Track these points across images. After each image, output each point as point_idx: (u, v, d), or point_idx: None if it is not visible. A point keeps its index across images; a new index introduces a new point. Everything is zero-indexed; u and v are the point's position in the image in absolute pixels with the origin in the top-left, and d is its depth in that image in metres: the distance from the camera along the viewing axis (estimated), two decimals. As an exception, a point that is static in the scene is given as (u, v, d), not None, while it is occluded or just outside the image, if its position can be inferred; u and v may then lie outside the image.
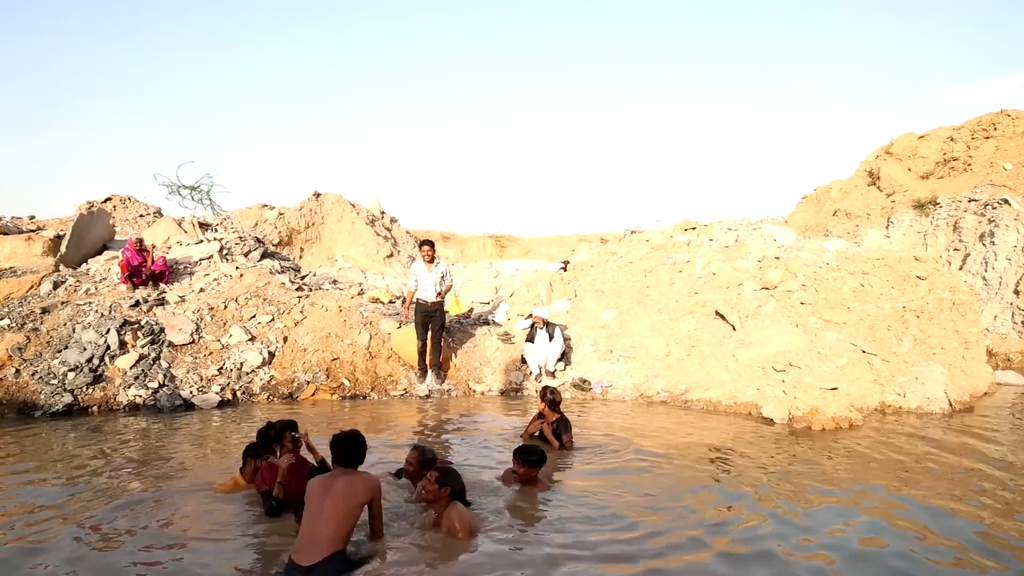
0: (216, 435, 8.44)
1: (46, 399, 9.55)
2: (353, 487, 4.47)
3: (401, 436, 8.33)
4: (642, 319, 12.05)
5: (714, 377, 10.55)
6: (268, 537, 5.00)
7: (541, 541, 4.89)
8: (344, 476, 4.53)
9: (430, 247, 11.25)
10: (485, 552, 4.60)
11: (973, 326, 11.77)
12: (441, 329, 11.36)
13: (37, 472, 6.68)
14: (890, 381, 10.08)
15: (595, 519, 5.34)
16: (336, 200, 26.47)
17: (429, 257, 11.12)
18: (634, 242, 14.39)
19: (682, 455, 7.35)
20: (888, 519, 5.48)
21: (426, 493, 4.87)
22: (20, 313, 10.89)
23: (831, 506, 5.84)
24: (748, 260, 12.30)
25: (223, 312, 11.75)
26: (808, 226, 24.66)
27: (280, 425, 5.65)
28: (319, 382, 10.90)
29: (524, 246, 39.67)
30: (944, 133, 23.91)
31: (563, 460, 7.13)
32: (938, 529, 5.26)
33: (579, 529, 5.13)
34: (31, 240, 13.88)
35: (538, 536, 5.01)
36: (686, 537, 4.99)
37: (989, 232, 18.42)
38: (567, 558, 4.58)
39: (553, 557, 4.60)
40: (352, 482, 4.50)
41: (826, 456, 7.48)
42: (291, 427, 5.66)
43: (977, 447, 7.97)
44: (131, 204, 18.65)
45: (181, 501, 5.78)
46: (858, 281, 11.30)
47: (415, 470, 5.75)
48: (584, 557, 4.60)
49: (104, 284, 12.56)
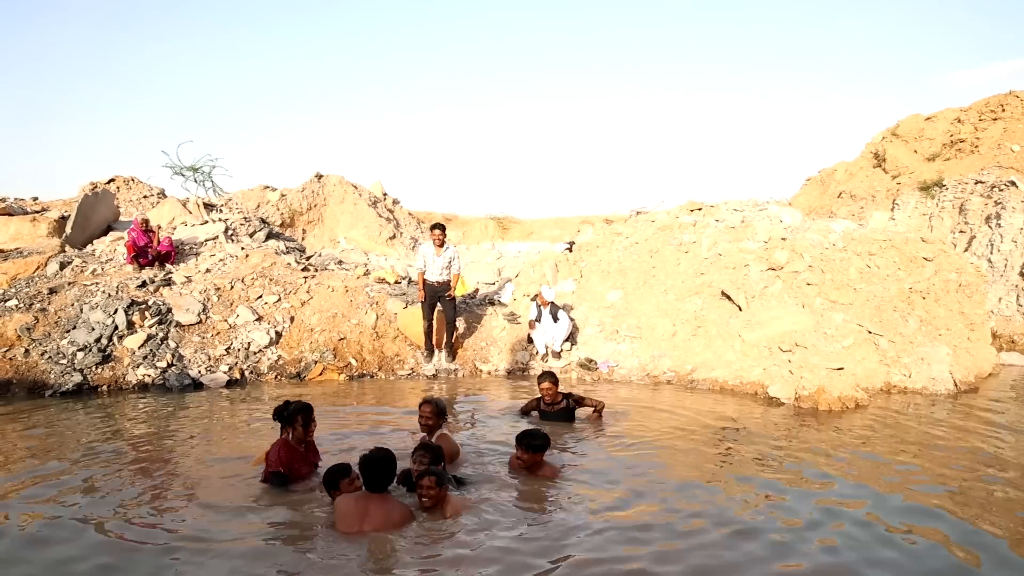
0: (225, 413, 8.49)
1: (56, 378, 9.59)
2: (391, 517, 4.51)
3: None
4: (648, 299, 12.07)
5: (720, 357, 10.57)
6: (275, 504, 5.13)
7: (545, 529, 4.80)
8: (379, 503, 4.53)
9: (441, 231, 11.23)
10: (494, 547, 4.45)
11: (979, 307, 11.78)
12: (454, 311, 11.43)
13: (51, 450, 6.73)
14: (896, 362, 10.10)
15: (600, 502, 5.30)
16: (338, 182, 26.37)
17: (439, 241, 11.09)
18: (640, 223, 14.37)
19: (688, 436, 7.36)
20: (892, 495, 5.52)
21: (428, 500, 4.77)
22: (28, 294, 10.91)
23: (832, 482, 5.87)
24: (754, 241, 12.29)
25: (229, 292, 11.77)
26: (813, 208, 24.58)
27: (295, 407, 5.58)
28: (326, 362, 10.93)
29: (526, 228, 39.58)
30: (951, 115, 23.74)
31: (571, 443, 7.06)
32: (940, 508, 5.29)
33: (582, 513, 5.07)
34: (36, 221, 13.88)
35: (541, 524, 4.90)
36: (691, 521, 4.96)
37: (995, 214, 18.35)
38: (573, 546, 4.50)
39: (556, 546, 4.52)
40: (389, 511, 4.53)
41: (832, 435, 7.52)
42: (305, 411, 5.59)
43: (981, 427, 8.02)
44: (135, 185, 18.62)
45: (194, 474, 5.84)
46: (864, 262, 11.30)
47: (434, 423, 6.04)
48: (589, 545, 4.53)
49: (110, 265, 12.57)
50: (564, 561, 4.26)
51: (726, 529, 4.78)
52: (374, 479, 4.54)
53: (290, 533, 4.60)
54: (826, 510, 5.21)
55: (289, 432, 5.57)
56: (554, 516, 5.04)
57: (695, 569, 4.23)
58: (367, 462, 4.58)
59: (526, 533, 4.67)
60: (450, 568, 4.15)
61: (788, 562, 4.34)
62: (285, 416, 5.57)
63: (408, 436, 6.97)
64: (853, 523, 4.94)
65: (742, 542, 4.61)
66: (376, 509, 4.48)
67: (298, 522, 4.77)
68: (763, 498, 5.48)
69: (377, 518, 4.44)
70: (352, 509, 4.49)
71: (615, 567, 4.20)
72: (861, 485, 5.85)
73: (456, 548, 4.39)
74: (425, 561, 4.24)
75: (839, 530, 4.82)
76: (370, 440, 6.71)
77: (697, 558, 4.35)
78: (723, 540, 4.62)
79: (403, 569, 4.17)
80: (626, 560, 4.30)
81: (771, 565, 4.30)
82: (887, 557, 4.41)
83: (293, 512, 4.94)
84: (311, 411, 5.64)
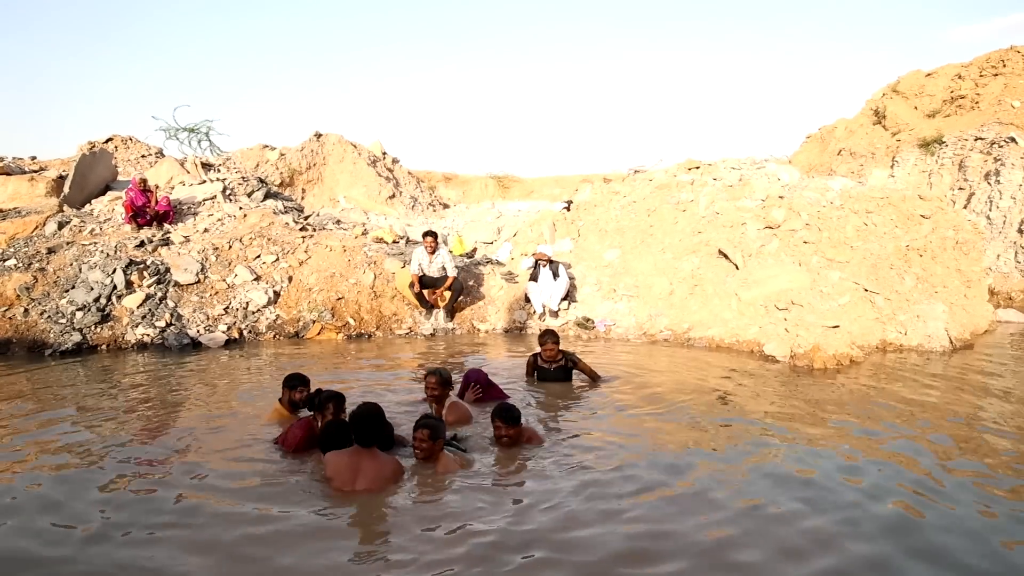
0: (224, 372, 8.57)
1: (55, 338, 9.65)
2: (382, 472, 4.56)
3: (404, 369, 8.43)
4: (645, 258, 12.09)
5: (717, 315, 10.62)
6: (271, 460, 5.23)
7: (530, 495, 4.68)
8: (370, 458, 4.56)
9: (432, 238, 11.49)
10: (476, 508, 4.37)
11: (976, 264, 11.81)
12: (460, 291, 11.69)
13: (52, 408, 6.82)
14: (892, 319, 10.15)
15: (591, 465, 5.21)
16: (337, 141, 26.20)
17: (431, 248, 11.39)
18: (638, 181, 14.33)
19: (683, 397, 7.30)
20: (874, 452, 5.59)
21: (421, 453, 4.84)
22: (26, 253, 10.94)
23: (825, 445, 5.94)
24: (752, 199, 12.27)
25: (228, 252, 11.79)
26: (812, 166, 24.49)
27: (326, 395, 5.48)
28: (324, 321, 11.00)
29: (527, 187, 39.43)
30: (952, 71, 23.54)
31: (559, 410, 6.91)
32: (929, 462, 5.37)
33: (569, 476, 5.00)
34: (34, 180, 13.83)
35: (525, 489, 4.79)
36: (677, 483, 4.89)
37: (995, 171, 18.30)
38: (560, 508, 4.43)
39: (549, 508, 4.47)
40: (380, 467, 4.57)
41: (827, 392, 7.59)
42: (337, 399, 5.46)
43: (974, 380, 8.12)
44: (133, 145, 18.50)
45: (196, 433, 5.92)
46: (862, 220, 11.29)
47: (440, 393, 6.08)
48: (576, 507, 4.45)
49: (108, 224, 12.57)
50: (551, 526, 4.21)
51: (717, 493, 4.69)
52: (364, 434, 4.55)
53: (283, 490, 4.66)
54: (819, 469, 5.26)
55: (318, 418, 5.48)
56: (542, 481, 4.91)
57: (667, 519, 4.27)
58: (356, 417, 4.59)
59: (515, 495, 4.67)
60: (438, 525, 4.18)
61: (784, 530, 4.25)
62: (316, 403, 5.52)
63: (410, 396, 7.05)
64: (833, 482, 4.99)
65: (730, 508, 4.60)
66: (368, 465, 4.52)
67: (293, 479, 4.84)
68: (760, 455, 5.52)
69: (369, 474, 4.48)
70: (345, 466, 4.52)
71: (607, 529, 4.16)
72: (842, 443, 5.91)
73: (445, 508, 4.40)
74: (414, 521, 4.24)
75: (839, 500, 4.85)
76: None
77: (685, 521, 4.32)
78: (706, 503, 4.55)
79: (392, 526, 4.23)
80: (620, 520, 4.31)
81: (770, 530, 4.31)
82: (872, 518, 4.46)
83: (289, 469, 5.01)
84: (343, 400, 5.52)
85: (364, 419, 4.57)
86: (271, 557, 3.79)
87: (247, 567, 3.73)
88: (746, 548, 3.94)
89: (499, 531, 4.08)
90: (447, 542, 3.94)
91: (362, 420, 4.57)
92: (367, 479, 4.48)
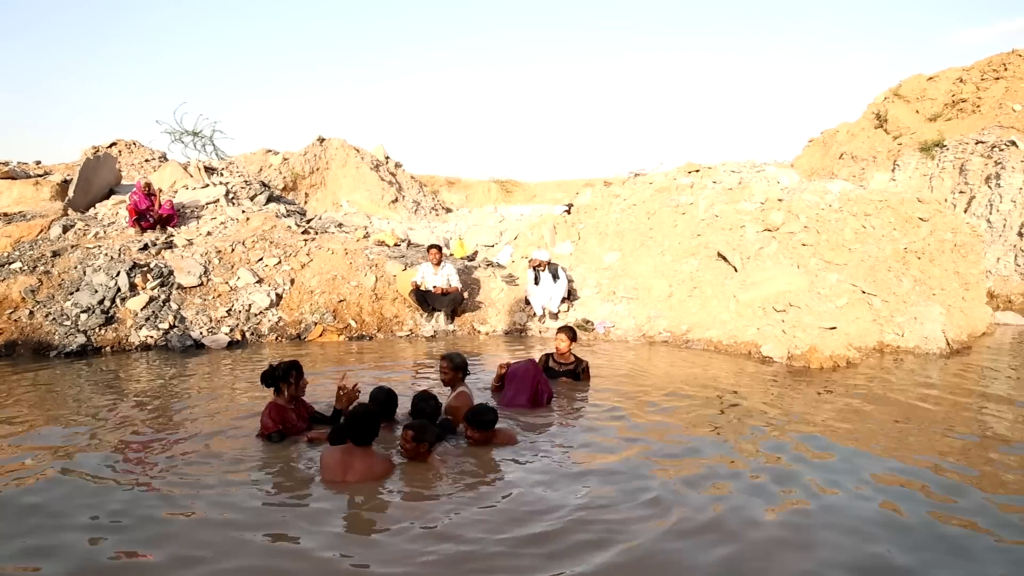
0: (228, 374, 8.65)
1: (60, 340, 9.75)
2: (372, 469, 4.69)
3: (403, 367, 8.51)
4: (645, 261, 12.16)
5: (715, 317, 10.68)
6: (264, 455, 5.34)
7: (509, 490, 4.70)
8: (362, 456, 4.70)
9: (437, 251, 11.66)
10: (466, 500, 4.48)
11: (974, 267, 11.86)
12: (459, 302, 11.76)
13: (57, 408, 6.91)
14: (889, 321, 10.20)
15: (580, 461, 5.33)
16: (340, 145, 26.37)
17: (436, 260, 11.56)
18: (638, 185, 14.42)
19: (681, 396, 7.40)
20: (871, 452, 5.66)
21: (405, 452, 4.97)
22: (31, 256, 11.05)
23: (817, 439, 6.00)
24: (751, 202, 12.34)
25: (230, 255, 11.89)
26: (814, 169, 24.54)
27: (286, 364, 5.75)
28: (326, 323, 11.09)
29: (529, 191, 39.59)
30: (954, 74, 23.58)
31: (555, 410, 6.91)
32: (929, 461, 5.43)
33: (553, 473, 5.14)
34: (39, 185, 13.97)
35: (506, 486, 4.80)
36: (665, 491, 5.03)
37: (995, 174, 18.34)
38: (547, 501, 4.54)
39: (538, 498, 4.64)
40: (371, 464, 4.70)
41: (822, 392, 7.64)
42: (295, 366, 5.76)
43: (969, 381, 8.17)
44: (136, 149, 18.69)
45: (198, 433, 5.99)
46: (860, 223, 11.35)
47: (451, 377, 6.25)
48: (557, 501, 4.59)
49: (112, 228, 12.68)
50: (537, 519, 4.28)
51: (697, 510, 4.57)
52: (359, 433, 4.69)
53: (276, 482, 4.80)
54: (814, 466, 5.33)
55: (284, 390, 5.71)
56: (533, 487, 4.80)
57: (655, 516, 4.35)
58: (353, 418, 4.74)
59: (503, 491, 4.71)
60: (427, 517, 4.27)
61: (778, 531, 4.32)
62: (278, 375, 5.69)
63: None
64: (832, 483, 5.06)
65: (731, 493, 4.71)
66: (359, 462, 4.66)
67: (285, 472, 4.98)
68: (753, 452, 5.60)
69: (359, 470, 4.64)
70: (336, 461, 4.68)
71: (591, 529, 4.21)
72: (835, 442, 5.97)
73: (432, 503, 4.50)
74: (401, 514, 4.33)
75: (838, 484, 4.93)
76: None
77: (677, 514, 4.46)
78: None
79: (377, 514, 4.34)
80: (611, 512, 4.41)
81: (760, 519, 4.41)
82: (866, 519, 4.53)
83: (281, 463, 5.13)
84: (300, 366, 5.82)
85: (360, 418, 4.72)
86: (269, 555, 3.87)
87: (247, 565, 3.81)
88: (743, 560, 3.92)
89: (478, 533, 4.11)
90: (418, 537, 4.01)
91: (358, 419, 4.72)
92: (356, 475, 4.62)
